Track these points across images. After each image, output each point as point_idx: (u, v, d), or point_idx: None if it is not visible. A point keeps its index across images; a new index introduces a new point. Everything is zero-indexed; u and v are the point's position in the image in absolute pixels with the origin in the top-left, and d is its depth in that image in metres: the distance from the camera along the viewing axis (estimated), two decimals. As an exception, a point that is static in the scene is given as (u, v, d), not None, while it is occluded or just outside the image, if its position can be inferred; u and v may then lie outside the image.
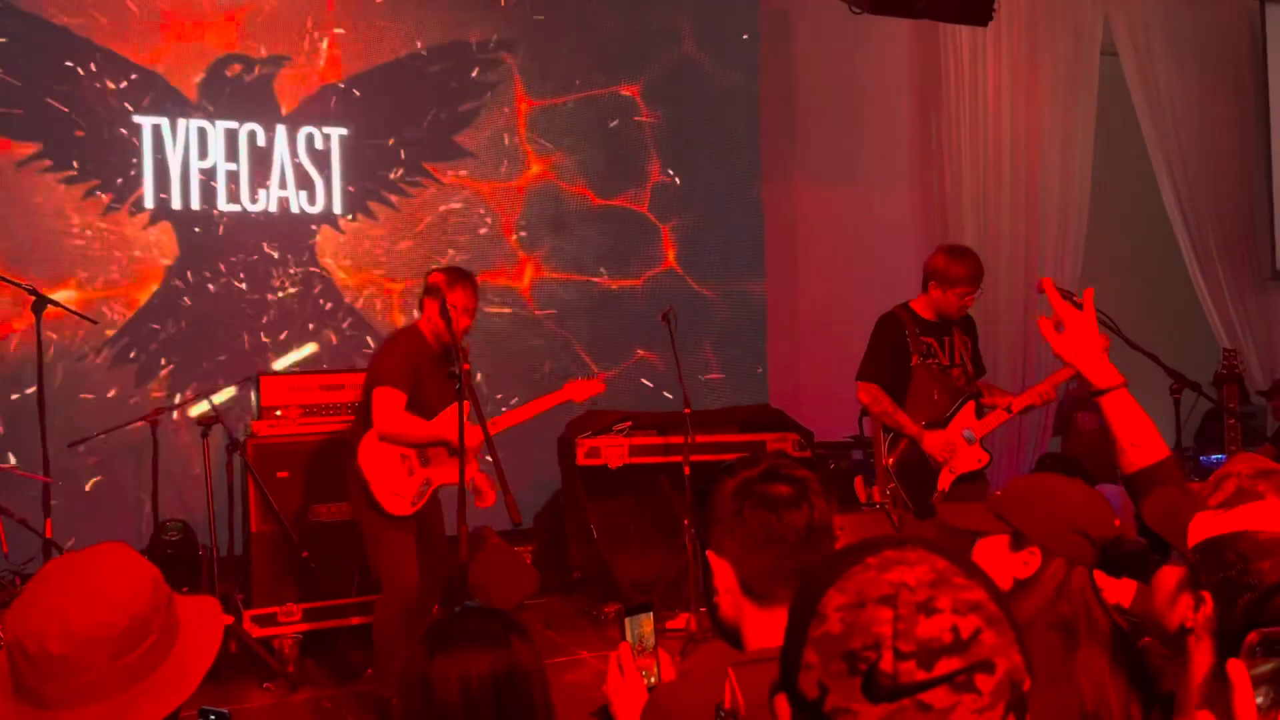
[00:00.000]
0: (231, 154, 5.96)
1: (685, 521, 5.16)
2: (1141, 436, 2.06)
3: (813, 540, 1.59)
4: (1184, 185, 7.86)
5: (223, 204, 5.93)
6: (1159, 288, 8.29)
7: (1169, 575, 1.61)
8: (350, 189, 6.17)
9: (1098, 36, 7.63)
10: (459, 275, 4.19)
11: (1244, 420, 5.71)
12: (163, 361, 5.70)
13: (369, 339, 6.14)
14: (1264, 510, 1.58)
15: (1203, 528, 1.59)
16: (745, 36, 7.03)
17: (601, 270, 6.66)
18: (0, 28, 5.47)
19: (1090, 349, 2.13)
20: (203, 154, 5.90)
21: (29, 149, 5.51)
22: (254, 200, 6.02)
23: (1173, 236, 7.96)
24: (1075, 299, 3.83)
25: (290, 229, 6.05)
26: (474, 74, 6.43)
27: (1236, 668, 1.19)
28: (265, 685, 4.46)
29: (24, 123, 5.51)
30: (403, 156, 6.28)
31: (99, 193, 5.65)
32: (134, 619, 1.34)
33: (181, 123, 5.84)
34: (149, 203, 5.77)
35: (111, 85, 5.69)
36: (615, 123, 6.70)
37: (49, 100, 5.54)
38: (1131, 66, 7.71)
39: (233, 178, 5.95)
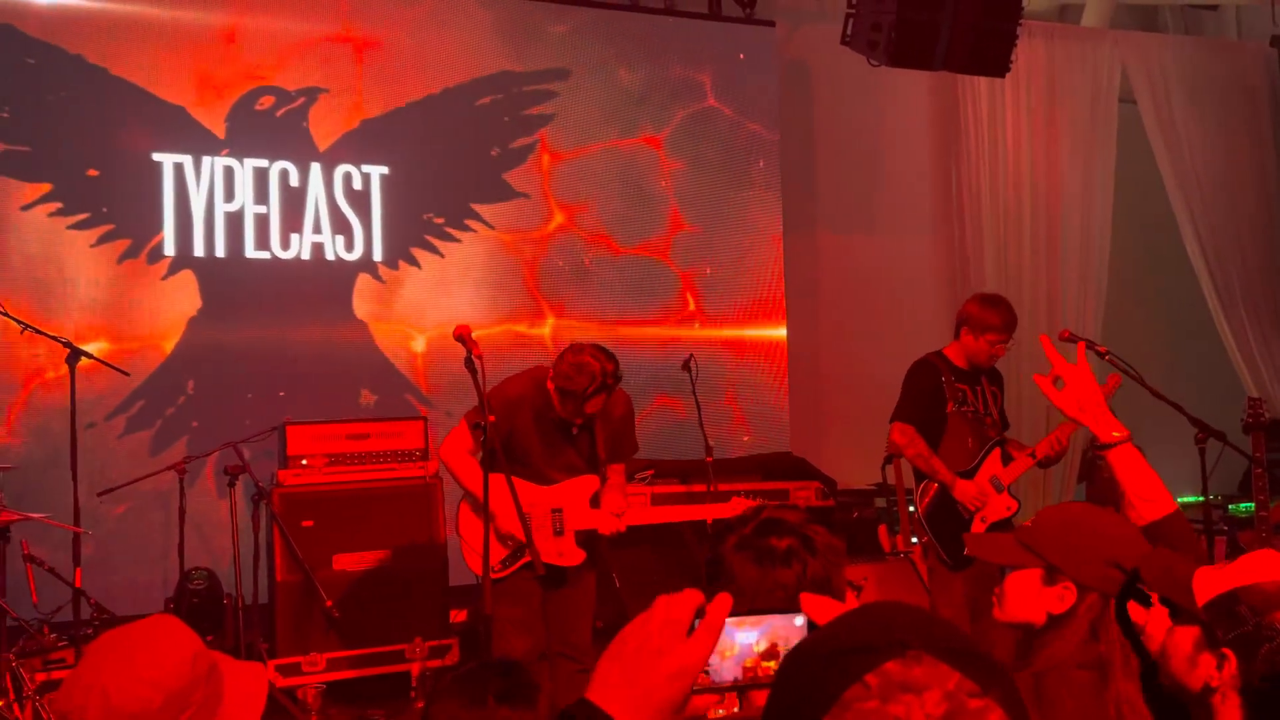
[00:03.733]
0: (261, 196, 5.66)
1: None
2: (1149, 490, 2.04)
3: None
4: (1206, 231, 7.86)
5: (251, 251, 5.66)
6: (1183, 335, 8.25)
7: (1183, 636, 1.61)
8: (392, 234, 5.92)
9: (1115, 85, 7.70)
10: (569, 380, 3.67)
11: (1271, 469, 5.65)
12: (186, 420, 5.57)
13: (410, 399, 6.00)
14: (1261, 561, 1.61)
15: (1207, 585, 1.60)
16: (765, 87, 7.12)
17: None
18: (6, 57, 5.23)
19: (1092, 403, 2.11)
20: (229, 196, 5.58)
21: (38, 190, 5.25)
22: (285, 247, 5.73)
23: (1196, 283, 7.95)
24: (1097, 348, 3.87)
25: (326, 278, 5.86)
26: (525, 110, 6.35)
27: None
28: (288, 735, 4.45)
29: (32, 161, 5.24)
30: (448, 198, 6.09)
31: (114, 239, 5.41)
32: (171, 694, 1.43)
33: (206, 161, 5.53)
34: (169, 250, 5.50)
35: (130, 120, 5.42)
36: (637, 173, 6.78)
37: (60, 136, 5.29)
38: (1150, 114, 7.76)
39: (262, 222, 5.68)
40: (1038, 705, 1.75)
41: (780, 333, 7.10)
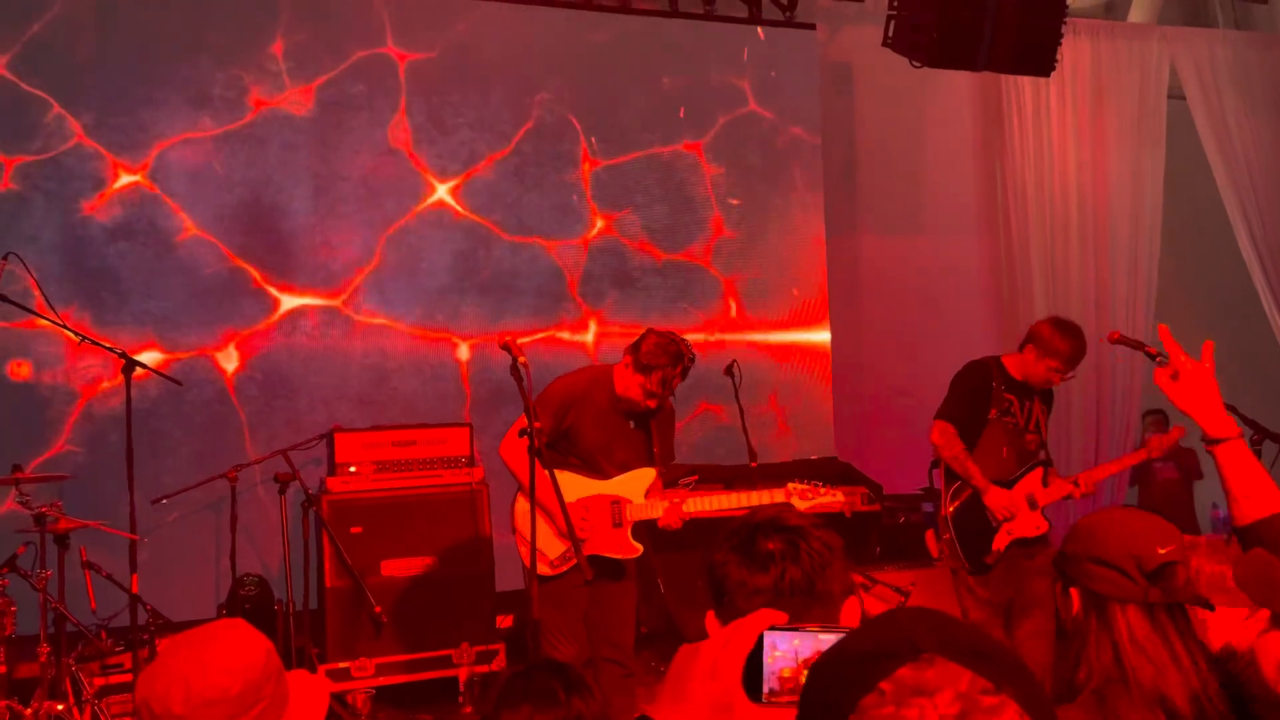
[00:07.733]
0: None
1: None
2: (1255, 488, 2.03)
3: (781, 605, 1.39)
4: (1259, 228, 7.71)
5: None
6: (1236, 335, 8.09)
7: (1277, 642, 1.53)
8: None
9: (1164, 81, 7.57)
10: (656, 356, 3.77)
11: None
12: (235, 430, 5.71)
13: (455, 409, 6.09)
14: None
15: None
16: (806, 91, 7.09)
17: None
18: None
19: (1207, 398, 2.12)
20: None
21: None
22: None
23: (1250, 282, 7.80)
24: (1147, 349, 3.81)
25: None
26: (569, 114, 6.50)
27: None
28: (339, 739, 4.51)
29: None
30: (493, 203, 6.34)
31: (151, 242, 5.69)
32: (247, 685, 1.50)
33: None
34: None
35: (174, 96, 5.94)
36: (678, 179, 6.78)
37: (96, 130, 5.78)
38: (1200, 110, 7.63)
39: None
40: None
41: (824, 337, 7.06)
